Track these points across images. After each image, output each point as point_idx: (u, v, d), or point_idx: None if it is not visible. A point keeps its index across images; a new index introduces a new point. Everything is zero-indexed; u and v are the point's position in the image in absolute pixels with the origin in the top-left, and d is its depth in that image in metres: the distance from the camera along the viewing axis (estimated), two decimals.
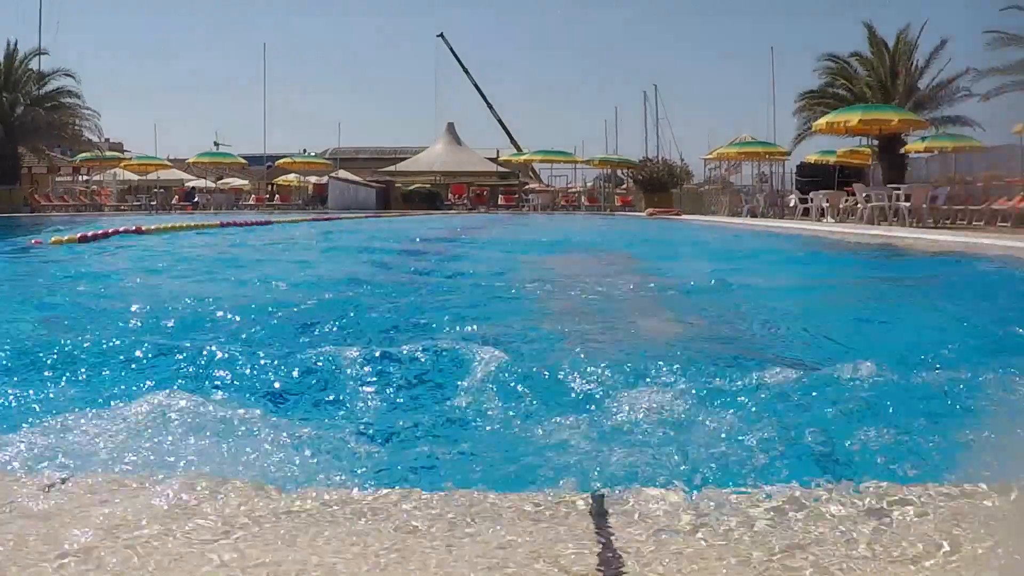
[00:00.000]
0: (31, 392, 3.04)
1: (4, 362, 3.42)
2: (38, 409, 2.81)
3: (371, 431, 2.66)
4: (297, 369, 3.28)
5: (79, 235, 11.33)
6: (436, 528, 1.58)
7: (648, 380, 3.06)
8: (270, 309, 5.00)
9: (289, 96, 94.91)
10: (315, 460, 2.33)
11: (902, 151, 21.66)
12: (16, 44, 28.25)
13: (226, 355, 3.39)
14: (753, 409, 2.69)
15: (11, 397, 2.97)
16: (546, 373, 3.13)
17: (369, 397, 3.02)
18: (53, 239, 11.01)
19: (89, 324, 4.44)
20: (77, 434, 2.40)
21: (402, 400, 3.03)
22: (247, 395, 3.02)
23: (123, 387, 3.09)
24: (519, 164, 42.81)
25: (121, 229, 13.50)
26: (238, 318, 4.64)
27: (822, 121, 19.90)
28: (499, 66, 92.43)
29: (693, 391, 2.85)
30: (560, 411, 2.73)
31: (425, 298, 6.18)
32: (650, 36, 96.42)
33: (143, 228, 14.27)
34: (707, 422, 2.58)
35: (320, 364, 3.29)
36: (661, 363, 3.25)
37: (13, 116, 27.63)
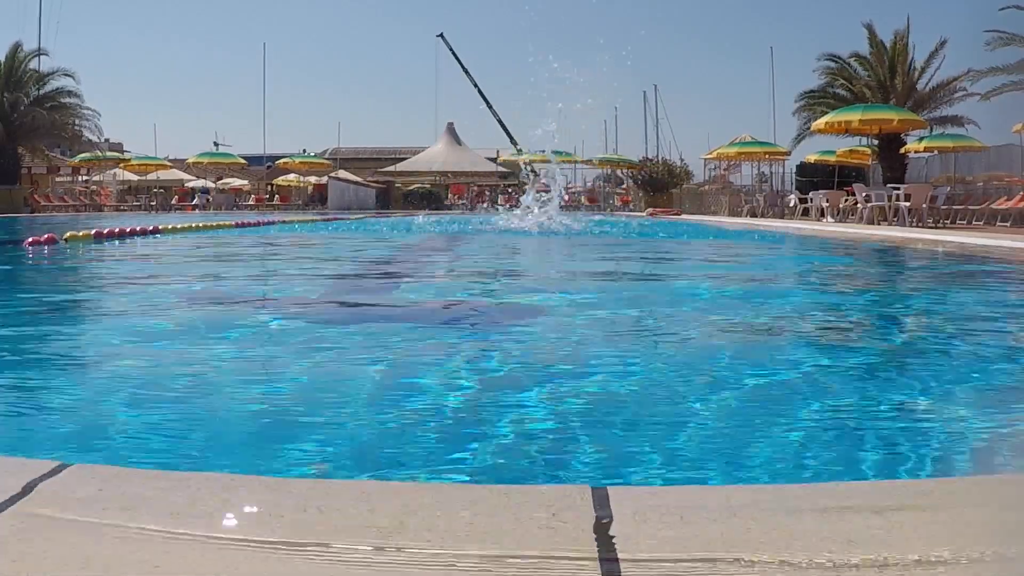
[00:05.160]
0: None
1: None
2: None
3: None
4: None
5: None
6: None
7: None
8: None
9: (289, 96, 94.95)
10: None
11: (902, 151, 21.66)
12: (21, 44, 28.30)
13: None
14: None
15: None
16: None
17: None
18: None
19: None
20: None
21: None
22: None
23: None
24: (519, 164, 42.83)
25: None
26: None
27: (822, 121, 19.90)
28: (499, 65, 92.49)
29: None
30: None
31: None
32: (650, 36, 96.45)
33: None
34: None
35: None
36: None
37: (13, 116, 27.65)
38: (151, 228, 13.68)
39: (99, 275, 8.50)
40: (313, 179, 41.74)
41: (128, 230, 13.01)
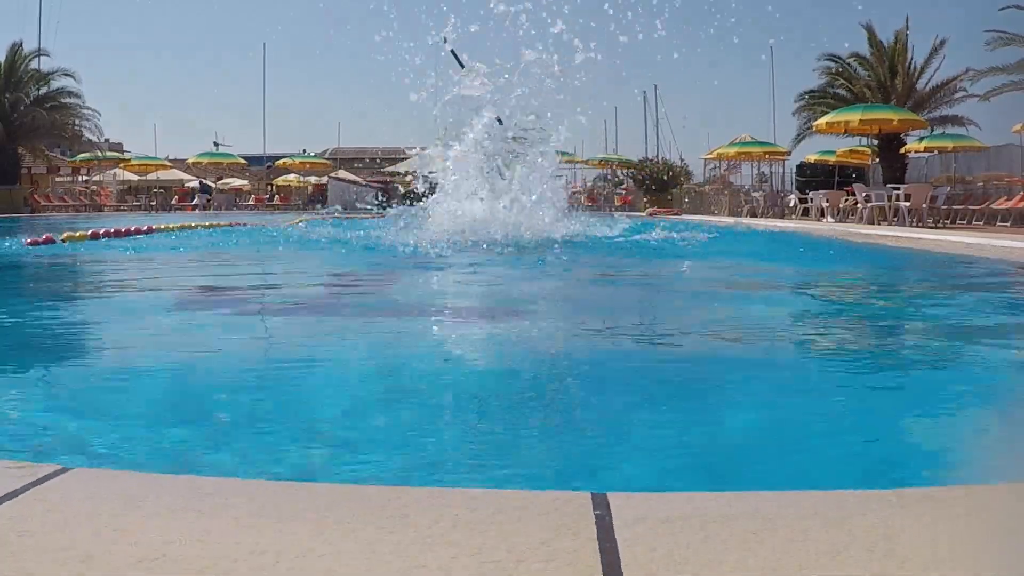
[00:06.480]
0: None
1: None
2: None
3: None
4: None
5: None
6: None
7: None
8: None
9: (289, 96, 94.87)
10: None
11: (902, 151, 21.66)
12: (21, 44, 28.30)
13: None
14: None
15: None
16: None
17: None
18: None
19: None
20: None
21: None
22: None
23: None
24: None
25: None
26: None
27: (822, 121, 19.90)
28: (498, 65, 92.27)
29: None
30: None
31: None
32: (650, 36, 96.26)
33: None
34: None
35: None
36: None
37: (13, 116, 27.64)
38: (145, 228, 13.70)
39: (94, 274, 8.50)
40: (313, 179, 41.74)
41: (124, 230, 13.04)
